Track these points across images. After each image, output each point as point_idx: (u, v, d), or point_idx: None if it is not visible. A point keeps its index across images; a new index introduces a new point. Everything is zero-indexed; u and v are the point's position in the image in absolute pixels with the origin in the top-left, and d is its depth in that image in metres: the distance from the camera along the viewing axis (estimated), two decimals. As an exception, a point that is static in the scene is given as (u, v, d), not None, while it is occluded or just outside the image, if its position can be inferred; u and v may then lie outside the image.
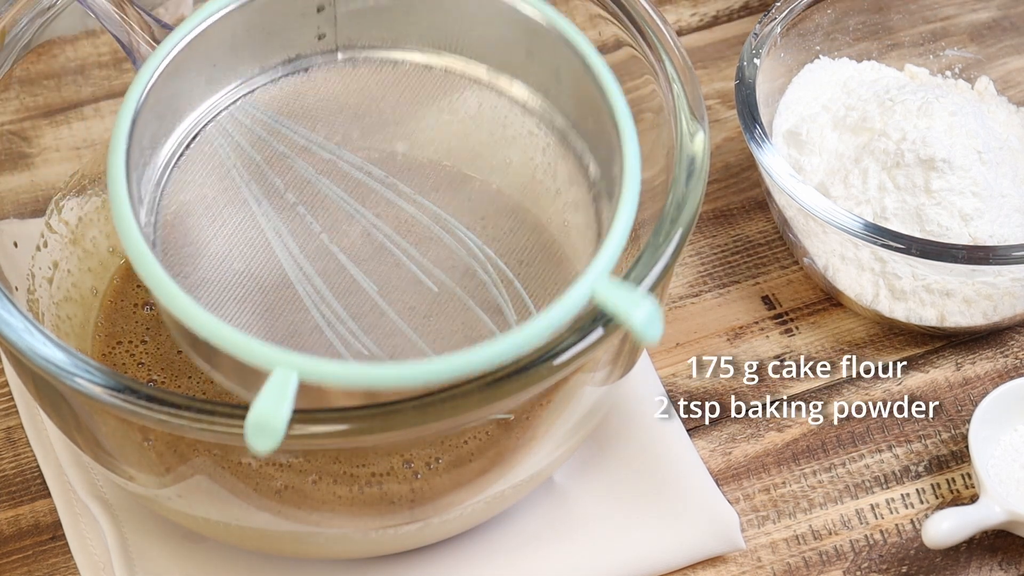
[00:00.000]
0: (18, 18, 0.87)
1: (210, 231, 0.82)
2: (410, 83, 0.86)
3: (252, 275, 0.81)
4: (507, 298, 0.82)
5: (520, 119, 0.85)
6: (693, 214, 0.79)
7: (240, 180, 0.83)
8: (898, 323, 0.96)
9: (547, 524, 0.90)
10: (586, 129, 0.83)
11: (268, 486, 0.84)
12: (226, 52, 0.84)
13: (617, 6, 0.86)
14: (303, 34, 0.86)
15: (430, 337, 0.80)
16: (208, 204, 0.83)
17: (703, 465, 0.92)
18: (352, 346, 0.79)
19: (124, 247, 0.76)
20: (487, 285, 0.82)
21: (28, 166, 0.96)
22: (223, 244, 0.82)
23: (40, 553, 0.90)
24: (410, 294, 0.82)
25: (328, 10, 0.85)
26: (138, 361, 0.91)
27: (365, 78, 0.86)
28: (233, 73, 0.85)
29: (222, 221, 0.82)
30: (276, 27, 0.85)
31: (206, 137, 0.84)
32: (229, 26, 0.83)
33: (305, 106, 0.85)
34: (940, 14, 1.05)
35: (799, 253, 0.98)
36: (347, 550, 0.87)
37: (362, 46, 0.87)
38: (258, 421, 0.70)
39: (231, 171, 0.83)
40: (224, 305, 0.80)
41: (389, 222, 0.83)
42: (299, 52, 0.86)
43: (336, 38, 0.86)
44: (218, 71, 0.84)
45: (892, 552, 0.90)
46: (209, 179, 0.83)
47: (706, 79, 1.07)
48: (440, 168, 0.86)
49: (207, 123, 0.84)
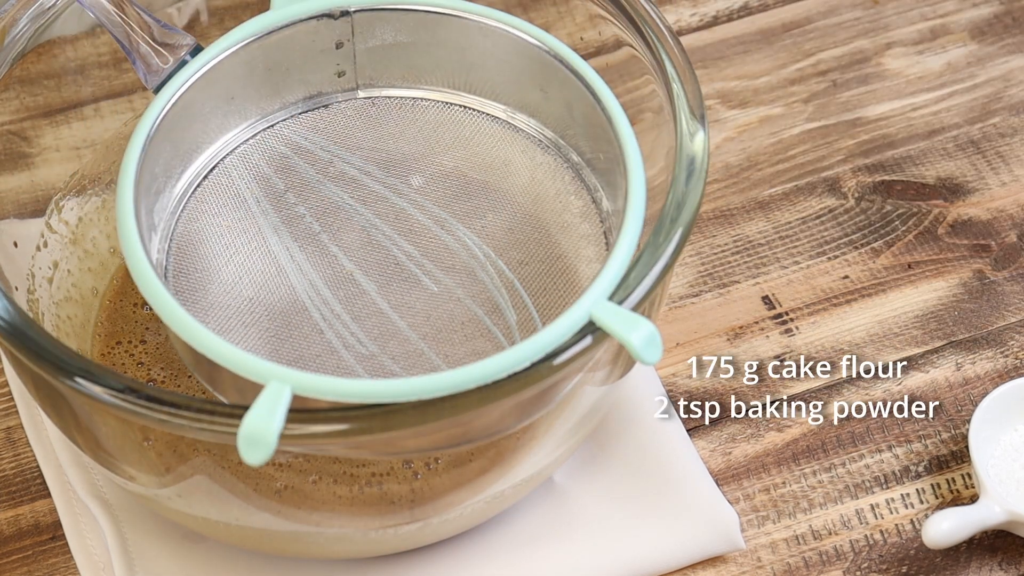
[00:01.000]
0: (18, 18, 0.87)
1: (223, 257, 0.83)
2: (428, 119, 0.87)
3: (262, 301, 0.82)
4: (510, 303, 0.82)
5: (538, 155, 0.86)
6: (693, 214, 0.79)
7: (257, 210, 0.84)
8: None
9: (547, 524, 0.90)
10: (598, 164, 0.84)
11: (268, 486, 0.84)
12: (244, 86, 0.85)
13: (617, 6, 0.86)
14: (323, 71, 0.87)
15: (439, 345, 0.81)
16: (222, 232, 0.83)
17: (703, 465, 0.92)
18: (355, 348, 0.79)
19: (128, 264, 0.77)
20: (495, 298, 0.82)
21: (28, 166, 0.96)
22: (235, 270, 0.82)
23: (40, 553, 0.90)
24: (420, 305, 0.82)
25: (347, 47, 0.86)
26: (138, 361, 0.91)
27: (384, 114, 0.87)
28: (253, 107, 0.86)
29: (235, 248, 0.83)
30: (295, 63, 0.86)
31: (224, 169, 0.85)
32: (246, 60, 0.84)
33: (324, 140, 0.85)
34: (939, 10, 1.05)
35: None
36: (347, 550, 0.87)
37: (382, 84, 0.88)
38: (250, 433, 0.71)
39: (247, 201, 0.84)
40: (234, 329, 0.80)
41: (406, 245, 0.84)
42: (320, 89, 0.87)
43: (356, 76, 0.87)
44: (236, 104, 0.85)
45: (892, 552, 0.90)
46: (225, 208, 0.84)
47: (706, 79, 1.07)
48: (456, 198, 0.86)
49: (226, 155, 0.85)
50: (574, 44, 0.86)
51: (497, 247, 0.84)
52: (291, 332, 0.81)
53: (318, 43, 0.86)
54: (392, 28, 0.86)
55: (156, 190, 0.83)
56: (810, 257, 1.01)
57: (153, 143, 0.82)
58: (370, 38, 0.87)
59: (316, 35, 0.86)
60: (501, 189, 0.86)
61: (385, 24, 0.86)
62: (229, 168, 0.86)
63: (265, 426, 0.71)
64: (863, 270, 1.00)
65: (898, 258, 1.00)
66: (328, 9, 0.85)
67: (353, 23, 0.86)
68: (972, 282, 1.00)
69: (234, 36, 0.84)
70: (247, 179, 0.86)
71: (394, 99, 0.88)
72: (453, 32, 0.86)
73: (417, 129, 0.88)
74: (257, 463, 0.71)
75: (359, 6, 0.86)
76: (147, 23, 0.83)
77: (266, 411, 0.72)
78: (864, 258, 1.01)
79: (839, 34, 1.09)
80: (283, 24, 0.85)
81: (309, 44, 0.86)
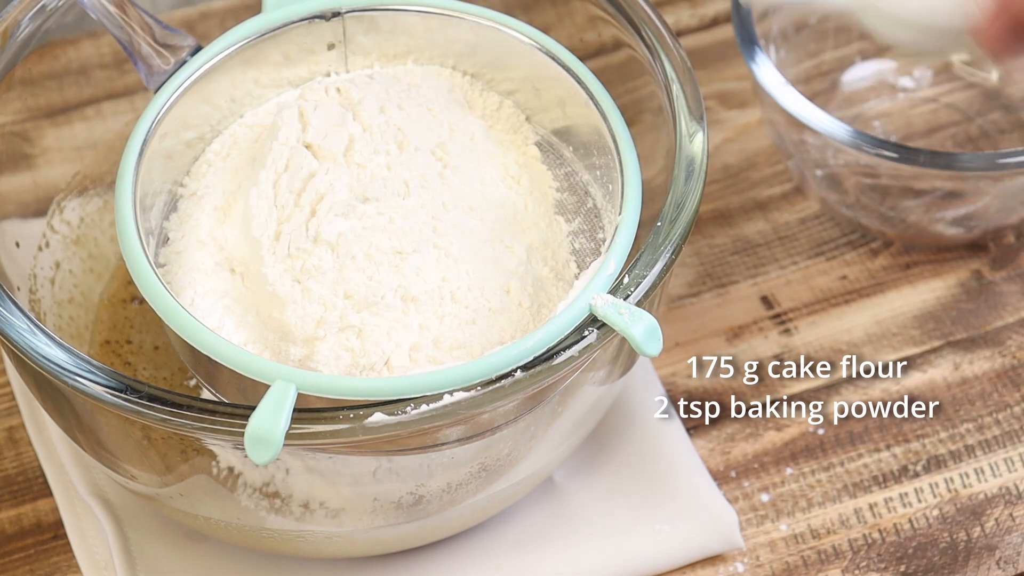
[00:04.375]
0: (20, 19, 0.87)
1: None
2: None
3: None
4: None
5: (531, 149, 0.86)
6: (692, 214, 0.79)
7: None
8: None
9: (547, 524, 0.90)
10: (591, 160, 0.84)
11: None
12: (238, 88, 0.85)
13: (616, 7, 0.87)
14: (315, 70, 0.86)
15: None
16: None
17: (703, 465, 0.92)
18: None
19: (128, 265, 0.77)
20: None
21: (30, 166, 0.96)
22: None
23: (42, 552, 0.90)
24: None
25: (339, 48, 0.86)
26: (140, 361, 0.91)
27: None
28: (250, 98, 0.86)
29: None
30: (286, 64, 0.86)
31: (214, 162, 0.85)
32: (240, 62, 0.84)
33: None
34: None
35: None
36: (347, 550, 0.87)
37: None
38: (256, 433, 0.71)
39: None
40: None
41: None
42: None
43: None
44: (233, 106, 0.85)
45: (890, 551, 0.90)
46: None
47: (705, 80, 1.07)
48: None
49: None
50: (573, 45, 0.86)
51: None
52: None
53: (310, 45, 0.86)
54: (384, 30, 0.86)
55: (154, 191, 0.83)
56: (808, 257, 1.01)
57: (150, 144, 0.82)
58: (362, 40, 0.86)
59: (308, 37, 0.86)
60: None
61: (377, 26, 0.86)
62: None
63: (272, 425, 0.71)
64: (861, 270, 1.00)
65: (896, 258, 1.01)
66: (320, 11, 0.85)
67: (345, 25, 0.86)
68: (970, 282, 1.00)
69: (227, 39, 0.84)
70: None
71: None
72: (446, 33, 0.86)
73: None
74: (264, 462, 0.71)
75: (351, 7, 0.86)
76: (148, 24, 0.84)
77: (272, 410, 0.72)
78: (862, 258, 1.01)
79: (839, 34, 1.09)
80: (275, 26, 0.85)
81: (301, 46, 0.86)
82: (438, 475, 0.85)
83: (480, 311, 0.79)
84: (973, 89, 1.06)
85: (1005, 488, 0.92)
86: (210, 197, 0.83)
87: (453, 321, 0.78)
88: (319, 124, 0.83)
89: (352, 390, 0.74)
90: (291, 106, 0.83)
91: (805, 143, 0.99)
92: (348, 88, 0.85)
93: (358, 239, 0.79)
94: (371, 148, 0.82)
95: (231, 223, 0.82)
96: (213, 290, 0.80)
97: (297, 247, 0.79)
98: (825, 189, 1.01)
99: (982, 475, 0.93)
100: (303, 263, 0.78)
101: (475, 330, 0.78)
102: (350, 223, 0.79)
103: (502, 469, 0.85)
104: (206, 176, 0.84)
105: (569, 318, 0.75)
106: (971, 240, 1.00)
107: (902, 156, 0.94)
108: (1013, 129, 1.05)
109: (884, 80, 1.07)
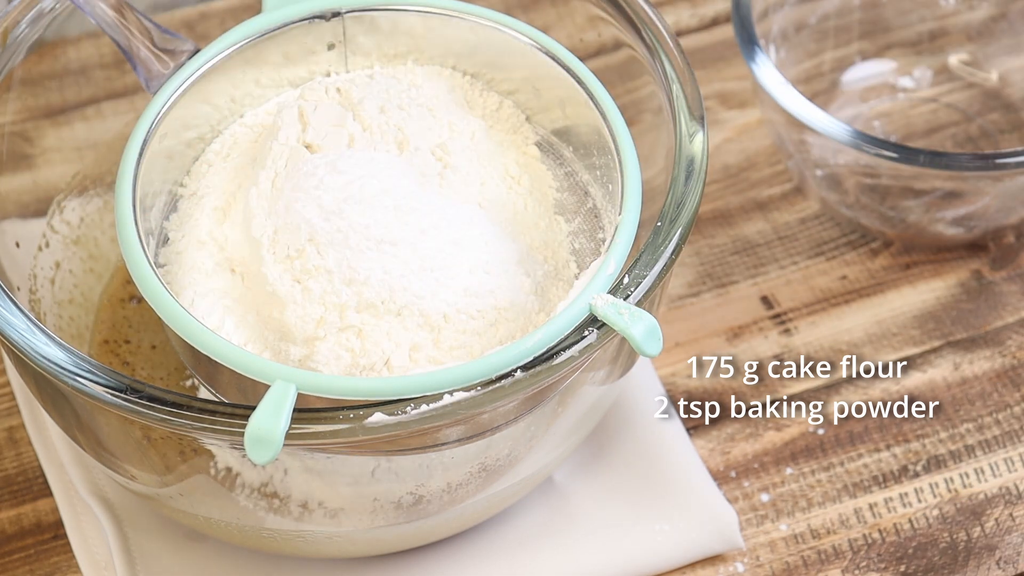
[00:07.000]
0: (20, 19, 0.87)
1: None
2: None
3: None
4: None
5: (531, 149, 0.86)
6: (692, 214, 0.80)
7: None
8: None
9: (547, 524, 0.90)
10: (591, 160, 0.84)
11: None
12: (237, 88, 0.85)
13: (616, 7, 0.87)
14: (315, 70, 0.86)
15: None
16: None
17: (703, 465, 0.92)
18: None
19: (128, 265, 0.77)
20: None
21: (30, 166, 0.96)
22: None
23: (42, 552, 0.90)
24: None
25: (339, 48, 0.86)
26: (138, 360, 0.91)
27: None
28: (250, 98, 0.86)
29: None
30: (286, 65, 0.86)
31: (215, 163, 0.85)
32: (240, 63, 0.84)
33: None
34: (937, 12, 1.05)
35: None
36: (347, 549, 0.87)
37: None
38: (256, 433, 0.71)
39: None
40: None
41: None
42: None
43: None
44: (233, 106, 0.85)
45: (890, 551, 0.90)
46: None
47: (705, 80, 1.07)
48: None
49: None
50: (573, 45, 0.86)
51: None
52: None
53: (310, 45, 0.86)
54: (384, 30, 0.86)
55: (154, 191, 0.83)
56: (808, 257, 1.01)
57: (150, 144, 0.82)
58: (362, 40, 0.87)
59: (308, 37, 0.86)
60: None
61: (377, 26, 0.86)
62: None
63: (272, 425, 0.71)
64: (861, 270, 1.00)
65: (896, 258, 1.01)
66: (320, 11, 0.85)
67: (345, 25, 0.86)
68: (970, 282, 1.00)
69: (227, 39, 0.84)
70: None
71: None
72: (446, 33, 0.86)
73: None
74: (264, 462, 0.71)
75: (351, 8, 0.86)
76: (147, 28, 0.84)
77: (272, 410, 0.72)
78: (862, 258, 1.01)
79: (839, 34, 1.09)
80: (275, 27, 0.85)
81: (301, 46, 0.86)
82: (438, 475, 0.85)
83: (480, 311, 0.79)
84: (973, 89, 1.06)
85: (1005, 488, 0.92)
86: (210, 197, 0.83)
87: (453, 321, 0.78)
88: (319, 124, 0.83)
89: (352, 390, 0.74)
90: (291, 106, 0.83)
91: (805, 143, 0.99)
92: (348, 88, 0.85)
93: (358, 239, 0.79)
94: (371, 148, 0.82)
95: (231, 223, 0.82)
96: (213, 290, 0.80)
97: (297, 247, 0.79)
98: (825, 189, 1.01)
99: (982, 475, 0.93)
100: (303, 263, 0.78)
101: (475, 330, 0.78)
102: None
103: (502, 469, 0.85)
104: (206, 176, 0.84)
105: (569, 318, 0.75)
106: (971, 240, 1.00)
107: (902, 156, 0.94)
108: (1013, 129, 1.05)
109: (884, 80, 1.07)
